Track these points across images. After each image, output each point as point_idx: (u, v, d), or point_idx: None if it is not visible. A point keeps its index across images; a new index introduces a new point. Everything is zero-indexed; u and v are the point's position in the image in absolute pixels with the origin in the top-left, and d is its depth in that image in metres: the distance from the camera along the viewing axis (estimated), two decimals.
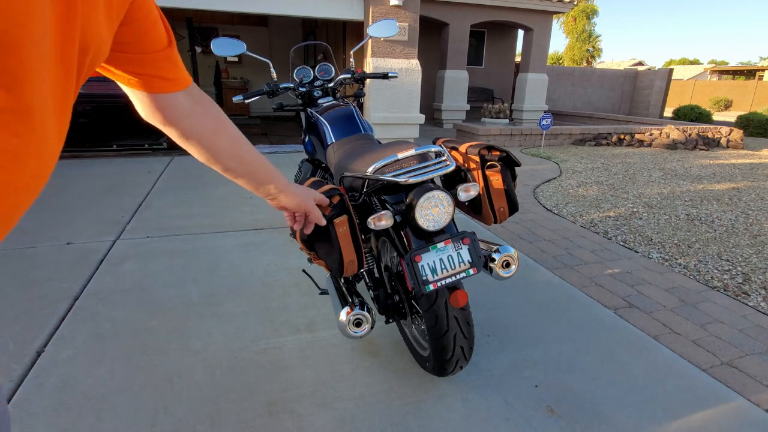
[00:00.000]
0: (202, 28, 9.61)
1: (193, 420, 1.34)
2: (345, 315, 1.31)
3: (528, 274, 2.38)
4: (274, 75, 2.21)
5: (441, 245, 1.25)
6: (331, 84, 2.19)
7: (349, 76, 2.21)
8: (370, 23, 5.08)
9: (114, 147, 5.54)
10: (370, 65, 6.15)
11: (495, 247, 1.39)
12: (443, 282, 1.23)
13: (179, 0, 5.22)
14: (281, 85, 2.11)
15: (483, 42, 11.03)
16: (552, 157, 6.08)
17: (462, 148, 1.54)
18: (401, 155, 1.28)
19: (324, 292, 1.75)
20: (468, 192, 1.40)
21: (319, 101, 2.14)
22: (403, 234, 1.32)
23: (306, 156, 2.36)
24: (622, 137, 7.44)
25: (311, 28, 10.35)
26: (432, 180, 1.32)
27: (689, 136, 7.53)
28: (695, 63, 46.54)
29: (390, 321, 1.56)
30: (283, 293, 2.10)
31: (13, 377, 1.48)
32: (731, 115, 16.77)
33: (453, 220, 1.31)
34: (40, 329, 1.75)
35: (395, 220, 1.34)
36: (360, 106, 2.28)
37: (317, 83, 2.20)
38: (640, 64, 37.29)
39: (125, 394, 1.43)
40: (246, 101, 2.07)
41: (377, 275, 1.69)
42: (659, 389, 1.52)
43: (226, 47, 2.03)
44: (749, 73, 28.81)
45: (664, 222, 3.40)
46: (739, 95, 22.34)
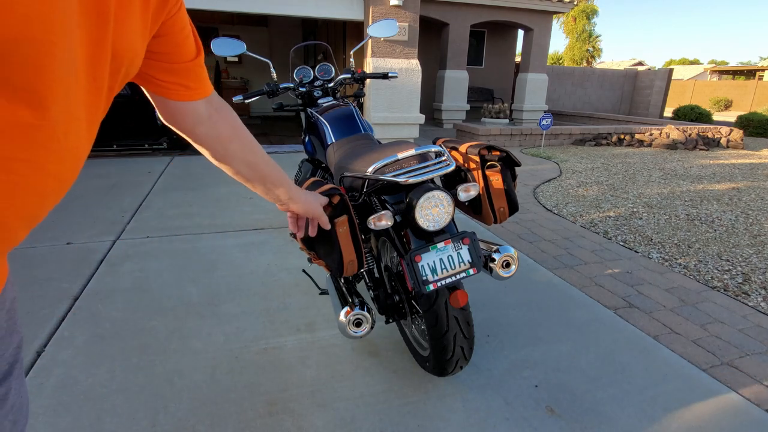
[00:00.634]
0: (202, 28, 9.61)
1: (193, 420, 1.34)
2: (345, 315, 1.31)
3: (528, 274, 2.38)
4: (274, 75, 2.21)
5: (441, 245, 1.25)
6: (331, 84, 2.19)
7: (349, 76, 2.21)
8: (370, 23, 5.08)
9: (114, 147, 5.53)
10: (370, 65, 6.15)
11: (495, 247, 1.39)
12: (443, 282, 1.23)
13: None
14: (281, 85, 2.11)
15: (483, 42, 11.03)
16: (552, 157, 6.08)
17: (462, 148, 1.54)
18: (401, 155, 1.28)
19: (324, 292, 1.75)
20: (468, 192, 1.40)
21: (319, 101, 2.14)
22: (403, 234, 1.32)
23: (306, 156, 2.36)
24: (622, 137, 7.44)
25: (311, 28, 10.36)
26: (432, 180, 1.32)
27: (689, 136, 7.53)
28: (695, 63, 46.55)
29: (390, 321, 1.56)
30: (283, 293, 2.10)
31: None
32: (731, 115, 16.77)
33: (453, 220, 1.31)
34: (40, 329, 1.75)
35: (395, 220, 1.34)
36: (360, 106, 2.28)
37: (317, 83, 2.20)
38: (640, 64, 37.30)
39: (125, 394, 1.43)
40: (246, 101, 2.07)
41: (377, 275, 1.69)
42: (659, 389, 1.52)
43: (226, 47, 2.03)
44: (749, 73, 28.81)
45: (664, 222, 3.40)
46: (739, 95, 22.35)
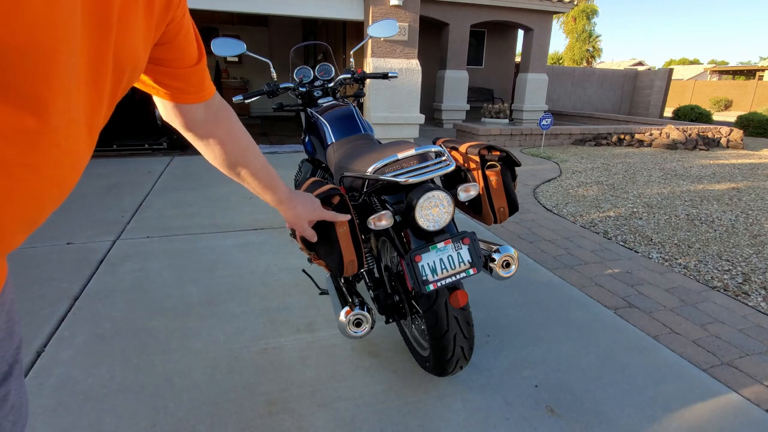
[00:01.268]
0: (202, 28, 9.60)
1: (193, 420, 1.34)
2: (345, 315, 1.31)
3: (528, 274, 2.38)
4: (274, 75, 2.21)
5: (441, 245, 1.25)
6: (331, 84, 2.19)
7: (349, 76, 2.21)
8: (370, 23, 5.08)
9: (114, 147, 5.53)
10: (370, 65, 6.15)
11: (495, 247, 1.39)
12: (443, 282, 1.23)
13: None
14: (281, 85, 2.10)
15: (483, 42, 11.03)
16: (552, 157, 6.08)
17: (462, 148, 1.54)
18: (401, 155, 1.28)
19: (324, 292, 1.75)
20: (468, 192, 1.40)
21: (319, 101, 2.14)
22: (403, 234, 1.32)
23: (306, 156, 2.36)
24: (622, 137, 7.44)
25: (311, 28, 10.36)
26: (432, 180, 1.32)
27: (689, 136, 7.53)
28: (695, 63, 46.55)
29: (390, 321, 1.56)
30: (283, 293, 2.10)
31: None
32: (731, 115, 16.77)
33: (453, 220, 1.31)
34: (40, 329, 1.75)
35: (395, 220, 1.34)
36: (360, 106, 2.28)
37: (317, 83, 2.20)
38: (640, 64, 37.30)
39: (125, 394, 1.43)
40: (246, 101, 2.07)
41: (377, 275, 1.69)
42: (659, 389, 1.52)
43: (226, 47, 2.03)
44: (749, 73, 28.81)
45: (664, 222, 3.40)
46: (739, 95, 22.35)
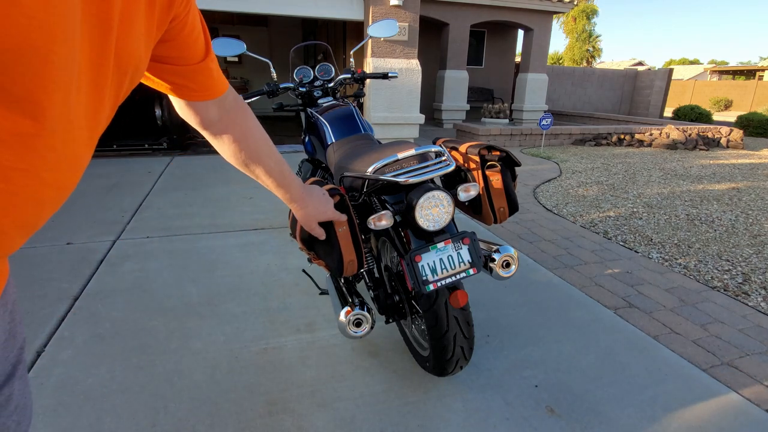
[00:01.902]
0: None
1: (193, 420, 1.34)
2: (345, 315, 1.31)
3: (528, 274, 2.38)
4: (274, 75, 2.21)
5: (441, 245, 1.25)
6: (331, 84, 2.19)
7: (349, 76, 2.21)
8: (370, 23, 5.08)
9: (114, 147, 5.53)
10: (370, 65, 6.15)
11: (495, 247, 1.39)
12: (443, 282, 1.23)
13: None
14: (281, 85, 2.10)
15: (483, 42, 11.03)
16: (552, 157, 6.08)
17: (462, 148, 1.54)
18: (401, 155, 1.28)
19: (324, 292, 1.75)
20: (468, 192, 1.40)
21: (319, 101, 2.14)
22: (403, 234, 1.32)
23: (306, 156, 2.36)
24: (622, 137, 7.44)
25: (311, 28, 10.35)
26: (432, 180, 1.32)
27: (689, 136, 7.53)
28: (695, 63, 46.55)
29: (390, 321, 1.55)
30: (283, 293, 2.10)
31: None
32: (731, 115, 16.77)
33: (453, 220, 1.31)
34: (40, 329, 1.75)
35: (395, 220, 1.34)
36: (360, 106, 2.28)
37: (317, 83, 2.20)
38: (640, 64, 37.30)
39: (125, 394, 1.43)
40: (246, 101, 2.06)
41: (377, 275, 1.69)
42: (659, 389, 1.52)
43: (226, 47, 2.03)
44: (749, 73, 28.81)
45: (664, 222, 3.40)
46: (739, 95, 22.35)
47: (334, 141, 1.82)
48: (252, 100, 2.07)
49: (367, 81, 3.76)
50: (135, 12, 0.44)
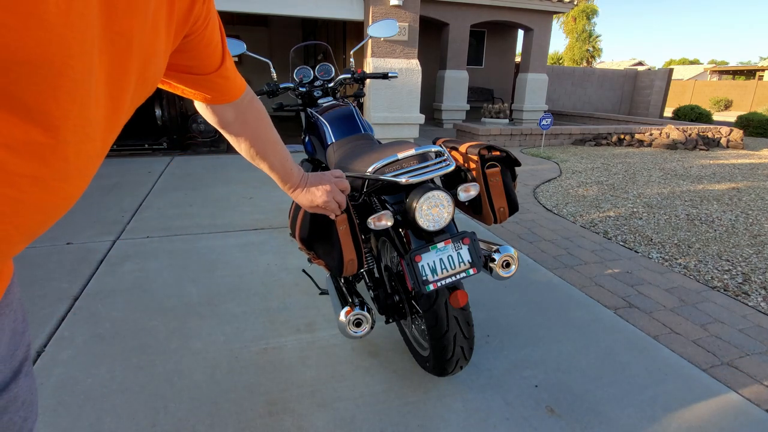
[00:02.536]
0: None
1: (193, 420, 1.34)
2: (345, 315, 1.31)
3: (528, 274, 2.38)
4: (274, 75, 2.21)
5: (441, 245, 1.25)
6: (331, 84, 2.19)
7: (349, 76, 2.21)
8: (370, 23, 5.08)
9: (114, 147, 5.53)
10: (370, 65, 6.15)
11: (495, 247, 1.39)
12: (443, 282, 1.23)
13: None
14: (281, 85, 2.10)
15: (483, 42, 11.03)
16: (552, 157, 6.08)
17: (462, 148, 1.54)
18: (401, 155, 1.28)
19: (324, 292, 1.75)
20: (468, 192, 1.40)
21: (319, 101, 2.14)
22: (403, 234, 1.32)
23: (306, 156, 2.36)
24: (622, 137, 7.44)
25: (311, 28, 10.35)
26: (432, 180, 1.32)
27: (689, 136, 7.53)
28: (695, 63, 46.55)
29: (390, 321, 1.56)
30: (283, 293, 2.10)
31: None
32: (731, 115, 16.77)
33: (453, 220, 1.31)
34: (40, 329, 1.75)
35: (395, 220, 1.34)
36: (360, 106, 2.28)
37: (317, 83, 2.20)
38: (640, 64, 37.30)
39: (125, 394, 1.43)
40: None
41: (377, 275, 1.69)
42: (659, 389, 1.52)
43: None
44: (749, 73, 28.81)
45: (664, 222, 3.40)
46: (739, 95, 22.35)
47: (334, 141, 1.82)
48: None
49: (367, 81, 3.76)
50: (156, 30, 0.45)
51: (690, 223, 3.38)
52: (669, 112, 13.24)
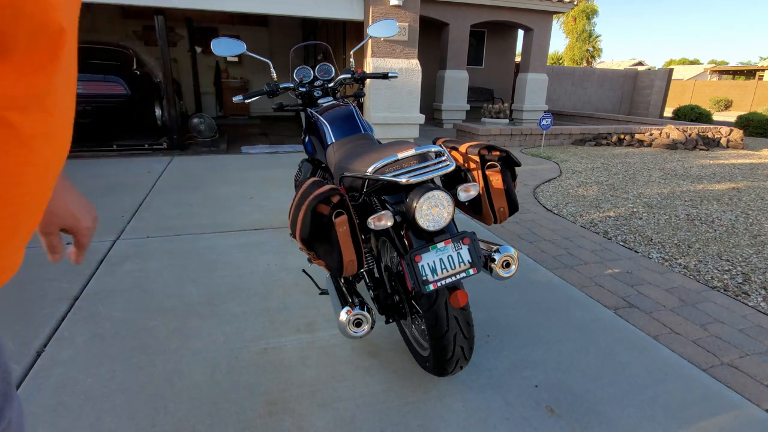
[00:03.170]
0: (202, 28, 9.61)
1: (193, 420, 1.34)
2: (345, 315, 1.31)
3: (528, 274, 2.38)
4: (274, 75, 2.21)
5: (441, 245, 1.25)
6: (331, 84, 2.19)
7: (349, 76, 2.21)
8: (370, 23, 5.07)
9: (114, 147, 5.54)
10: (370, 65, 6.15)
11: (495, 247, 1.39)
12: (443, 282, 1.23)
13: (179, 0, 5.22)
14: (281, 85, 2.11)
15: (483, 42, 11.03)
16: (552, 157, 6.08)
17: (462, 148, 1.54)
18: (401, 155, 1.28)
19: (324, 292, 1.75)
20: (468, 192, 1.40)
21: (319, 101, 2.14)
22: (403, 234, 1.32)
23: (306, 156, 2.36)
24: (622, 137, 7.44)
25: (311, 28, 10.35)
26: (432, 180, 1.32)
27: (689, 136, 7.53)
28: (695, 63, 46.53)
29: (390, 321, 1.56)
30: (283, 293, 2.10)
31: (13, 377, 1.48)
32: (731, 115, 16.77)
33: (453, 220, 1.31)
34: (40, 329, 1.75)
35: (395, 220, 1.34)
36: (360, 106, 2.28)
37: (317, 83, 2.20)
38: (640, 64, 37.30)
39: (125, 394, 1.43)
40: (246, 101, 2.07)
41: (377, 275, 1.69)
42: (659, 389, 1.52)
43: (226, 47, 2.03)
44: (749, 73, 28.81)
45: (664, 222, 3.40)
46: (739, 95, 22.34)
47: (334, 141, 1.82)
48: (252, 100, 2.07)
49: (367, 81, 3.76)
50: None
51: (690, 223, 3.38)
52: (669, 112, 13.24)
